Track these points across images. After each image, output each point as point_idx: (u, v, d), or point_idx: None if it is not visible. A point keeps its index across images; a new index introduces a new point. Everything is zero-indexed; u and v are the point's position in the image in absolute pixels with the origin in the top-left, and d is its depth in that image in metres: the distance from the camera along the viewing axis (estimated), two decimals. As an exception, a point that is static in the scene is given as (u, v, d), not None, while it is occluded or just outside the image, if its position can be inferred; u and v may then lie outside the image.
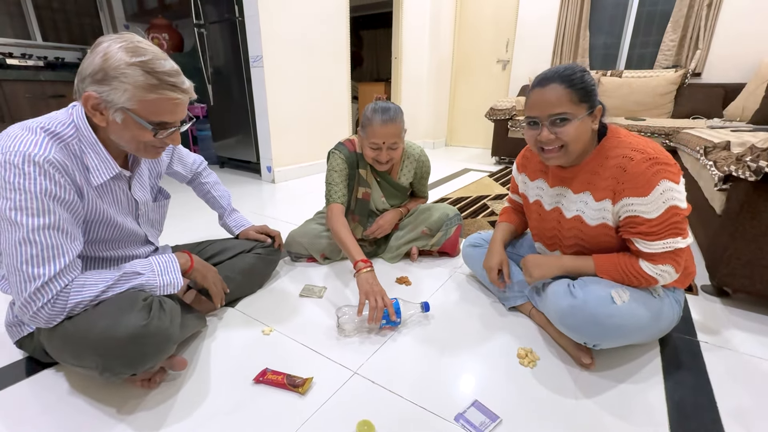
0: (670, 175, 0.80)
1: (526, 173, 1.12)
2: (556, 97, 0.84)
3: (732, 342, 1.05)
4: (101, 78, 0.72)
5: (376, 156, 1.31)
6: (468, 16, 4.37)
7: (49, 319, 0.73)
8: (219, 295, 1.06)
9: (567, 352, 0.98)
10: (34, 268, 0.70)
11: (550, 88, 0.85)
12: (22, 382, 0.88)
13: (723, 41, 3.08)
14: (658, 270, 0.86)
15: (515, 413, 0.80)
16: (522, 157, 1.14)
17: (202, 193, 1.33)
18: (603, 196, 0.89)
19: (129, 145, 0.81)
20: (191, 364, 0.93)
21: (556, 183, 1.01)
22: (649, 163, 0.81)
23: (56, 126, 0.76)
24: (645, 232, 0.84)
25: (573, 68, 0.86)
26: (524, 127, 0.95)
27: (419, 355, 0.98)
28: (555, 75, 0.85)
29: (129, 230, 0.94)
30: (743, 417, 0.80)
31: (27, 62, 2.78)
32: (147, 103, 0.75)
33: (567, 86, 0.84)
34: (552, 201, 1.03)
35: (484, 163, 3.72)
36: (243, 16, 2.50)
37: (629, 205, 0.84)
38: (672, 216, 0.81)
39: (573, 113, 0.84)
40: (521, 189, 1.16)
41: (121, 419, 0.78)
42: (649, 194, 0.81)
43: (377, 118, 1.25)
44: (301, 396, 0.84)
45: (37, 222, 0.70)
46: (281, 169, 2.84)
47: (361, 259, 1.15)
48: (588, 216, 0.93)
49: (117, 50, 0.73)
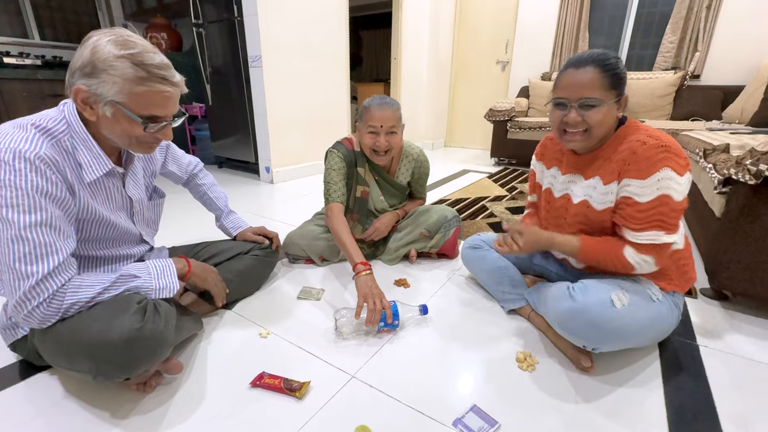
0: (674, 165, 0.80)
1: (543, 162, 1.12)
2: (589, 80, 0.84)
3: (732, 346, 1.04)
4: (90, 71, 0.72)
5: (375, 142, 1.30)
6: (468, 17, 4.37)
7: (43, 319, 0.72)
8: (221, 296, 1.07)
9: (566, 355, 0.97)
10: (26, 266, 0.69)
11: (584, 70, 0.85)
12: (15, 385, 0.87)
13: (722, 43, 3.09)
14: (639, 258, 0.86)
15: (514, 418, 0.80)
16: (541, 146, 1.14)
17: (199, 195, 1.32)
18: (611, 179, 0.89)
19: (120, 139, 0.80)
20: (187, 368, 0.92)
21: (569, 170, 1.01)
22: (659, 149, 0.81)
23: (47, 122, 0.75)
24: (632, 216, 0.85)
25: (608, 53, 0.85)
26: (550, 108, 0.94)
27: (417, 358, 0.98)
28: (590, 58, 0.85)
29: (123, 229, 0.93)
30: (743, 422, 0.80)
31: (24, 61, 2.76)
32: (136, 96, 0.74)
33: (601, 70, 0.84)
34: (562, 188, 1.03)
35: (483, 164, 3.72)
36: (242, 15, 2.49)
37: (627, 186, 0.85)
38: (661, 205, 0.82)
39: (603, 98, 0.84)
40: (538, 178, 1.15)
41: (116, 423, 0.77)
42: (647, 178, 0.81)
43: (375, 102, 1.28)
44: (298, 400, 0.83)
45: (29, 219, 0.69)
46: (280, 170, 2.83)
47: (361, 261, 1.14)
48: (595, 200, 0.93)
49: (106, 43, 0.72)
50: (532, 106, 3.62)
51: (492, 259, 1.22)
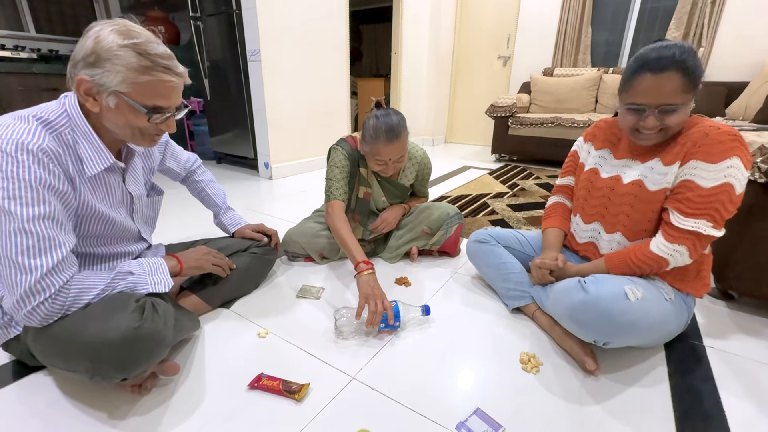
0: (743, 156, 0.79)
1: (592, 142, 1.08)
2: (673, 87, 0.80)
3: (738, 347, 1.02)
4: (93, 61, 0.70)
5: (382, 170, 1.29)
6: (469, 12, 4.32)
7: (46, 317, 0.70)
8: (224, 272, 1.10)
9: (571, 355, 0.96)
10: (30, 260, 0.67)
11: (667, 76, 0.80)
12: (9, 386, 0.85)
13: (726, 39, 3.05)
14: (671, 249, 0.85)
15: (518, 421, 0.78)
16: (594, 127, 1.09)
17: (197, 192, 1.30)
18: (673, 160, 0.87)
19: (123, 131, 0.79)
20: (184, 369, 0.90)
21: (625, 155, 0.98)
22: (732, 137, 0.80)
23: (48, 114, 0.74)
24: (689, 200, 0.83)
25: (687, 51, 0.79)
26: (622, 110, 0.90)
27: (419, 360, 0.96)
28: (671, 61, 0.79)
29: (122, 225, 0.91)
30: (752, 424, 0.78)
31: (20, 54, 2.72)
32: (140, 86, 0.73)
33: (683, 74, 0.79)
34: (612, 170, 1.00)
35: (484, 160, 3.69)
36: (240, 8, 2.45)
37: (693, 168, 0.83)
38: (722, 193, 0.80)
39: (684, 102, 0.81)
40: (582, 159, 1.11)
41: (114, 425, 0.75)
42: (718, 163, 0.79)
43: (382, 137, 1.19)
44: (298, 403, 0.81)
45: (33, 212, 0.68)
46: (279, 166, 2.80)
47: (363, 260, 1.12)
48: (650, 180, 0.91)
49: (109, 33, 0.71)
50: (534, 102, 3.59)
51: (498, 254, 1.20)
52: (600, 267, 0.98)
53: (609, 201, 0.99)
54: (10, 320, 0.84)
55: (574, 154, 1.15)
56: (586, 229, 1.07)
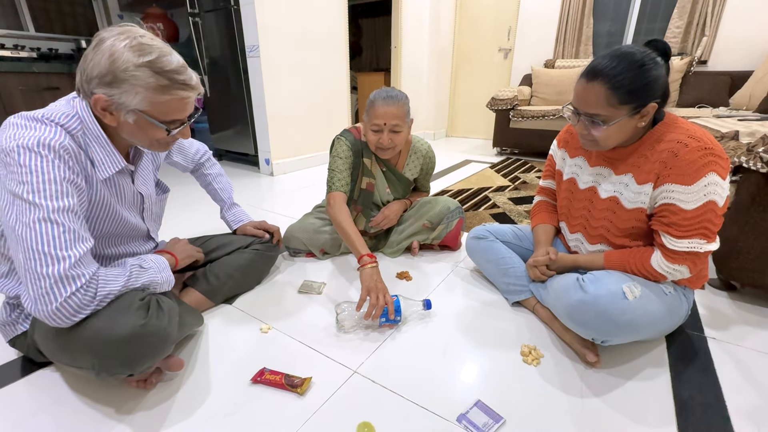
0: (719, 169, 0.77)
1: (566, 149, 1.08)
2: (595, 98, 0.80)
3: (740, 337, 1.03)
4: (110, 81, 0.70)
5: (378, 140, 1.27)
6: (469, 3, 4.28)
7: (79, 309, 0.68)
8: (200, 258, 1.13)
9: (572, 348, 0.96)
10: (58, 250, 0.66)
11: (592, 86, 0.80)
12: (17, 382, 0.86)
13: (730, 27, 3.01)
14: (671, 269, 0.84)
15: (519, 413, 0.79)
16: (566, 132, 1.09)
17: (204, 185, 1.32)
18: (646, 180, 0.85)
19: (141, 142, 0.81)
20: (189, 364, 0.92)
21: (598, 162, 0.97)
22: (703, 152, 0.77)
23: (60, 118, 0.74)
24: (676, 224, 0.81)
25: (626, 65, 0.77)
26: (567, 109, 0.90)
27: (420, 353, 0.97)
28: (602, 72, 0.78)
29: (132, 225, 0.93)
30: (753, 414, 0.79)
31: (20, 53, 2.72)
32: (159, 105, 0.75)
33: (609, 87, 0.78)
34: (588, 180, 0.99)
35: (485, 154, 3.68)
36: (238, 4, 2.44)
37: (669, 192, 0.81)
38: (707, 212, 0.79)
39: (609, 116, 0.80)
40: (558, 165, 1.11)
41: (120, 419, 0.76)
42: (694, 184, 0.78)
43: (380, 97, 1.23)
44: (300, 396, 0.82)
45: (58, 204, 0.68)
46: (279, 162, 2.81)
47: (367, 253, 1.12)
48: (625, 198, 0.90)
49: (123, 49, 0.70)
50: (535, 94, 3.56)
51: (497, 249, 1.20)
52: (597, 263, 0.97)
53: (589, 213, 1.00)
54: (18, 317, 0.86)
55: (551, 159, 1.15)
56: (571, 239, 1.09)
